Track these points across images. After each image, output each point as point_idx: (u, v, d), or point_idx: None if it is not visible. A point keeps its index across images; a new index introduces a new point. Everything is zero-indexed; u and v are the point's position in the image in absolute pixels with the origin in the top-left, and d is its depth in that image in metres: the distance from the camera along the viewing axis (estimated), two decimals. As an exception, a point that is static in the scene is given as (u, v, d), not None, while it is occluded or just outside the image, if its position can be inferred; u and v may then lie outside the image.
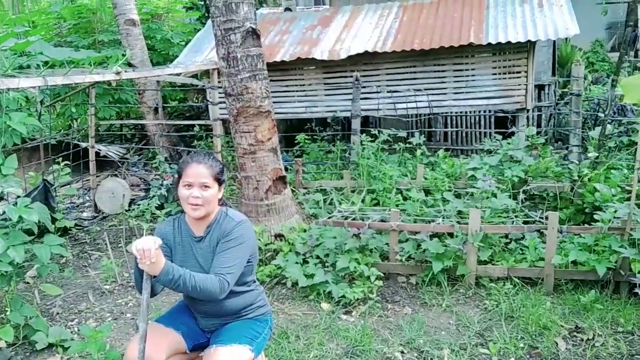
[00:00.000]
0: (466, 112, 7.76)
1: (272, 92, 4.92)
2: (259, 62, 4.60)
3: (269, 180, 4.73)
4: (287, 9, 9.14)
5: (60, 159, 6.12)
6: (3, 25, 8.20)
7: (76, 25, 9.04)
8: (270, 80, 6.10)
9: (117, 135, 9.52)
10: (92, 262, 5.07)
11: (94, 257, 5.17)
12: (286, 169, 5.28)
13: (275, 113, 6.29)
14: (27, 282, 4.44)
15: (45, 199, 5.54)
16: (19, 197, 3.56)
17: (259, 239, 4.51)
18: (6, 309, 3.41)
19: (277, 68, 7.55)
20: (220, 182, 2.38)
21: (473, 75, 7.07)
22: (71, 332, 3.57)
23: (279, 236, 4.69)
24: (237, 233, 2.31)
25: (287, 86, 7.80)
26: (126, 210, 6.14)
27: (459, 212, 4.66)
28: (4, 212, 3.43)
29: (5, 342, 3.19)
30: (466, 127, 7.90)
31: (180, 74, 5.81)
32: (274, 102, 6.14)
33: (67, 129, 9.44)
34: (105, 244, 4.93)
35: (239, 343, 2.29)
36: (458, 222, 4.23)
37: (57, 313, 3.94)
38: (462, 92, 7.12)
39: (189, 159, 2.37)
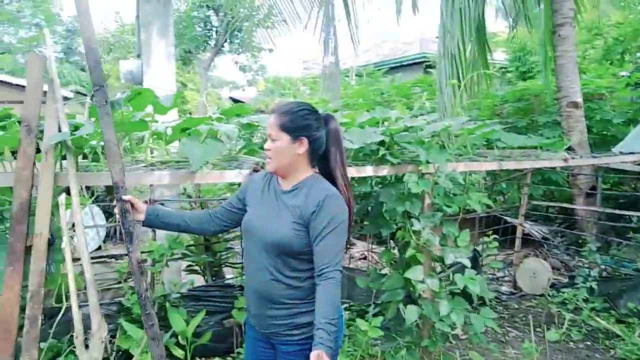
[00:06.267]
0: None
1: None
2: None
3: None
4: None
5: (491, 232, 6.53)
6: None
7: (516, 107, 9.62)
8: None
9: (542, 214, 9.50)
10: (510, 339, 5.12)
11: (511, 335, 5.22)
12: None
13: None
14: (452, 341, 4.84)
15: (473, 267, 6.00)
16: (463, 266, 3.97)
17: None
18: (440, 364, 3.82)
19: None
20: (292, 133, 2.08)
21: None
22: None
23: None
24: (331, 211, 2.03)
25: None
26: (548, 295, 5.98)
27: None
28: (448, 277, 3.88)
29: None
30: None
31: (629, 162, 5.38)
32: None
33: (493, 202, 10.05)
34: (527, 324, 4.91)
35: None
36: None
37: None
38: None
39: None
